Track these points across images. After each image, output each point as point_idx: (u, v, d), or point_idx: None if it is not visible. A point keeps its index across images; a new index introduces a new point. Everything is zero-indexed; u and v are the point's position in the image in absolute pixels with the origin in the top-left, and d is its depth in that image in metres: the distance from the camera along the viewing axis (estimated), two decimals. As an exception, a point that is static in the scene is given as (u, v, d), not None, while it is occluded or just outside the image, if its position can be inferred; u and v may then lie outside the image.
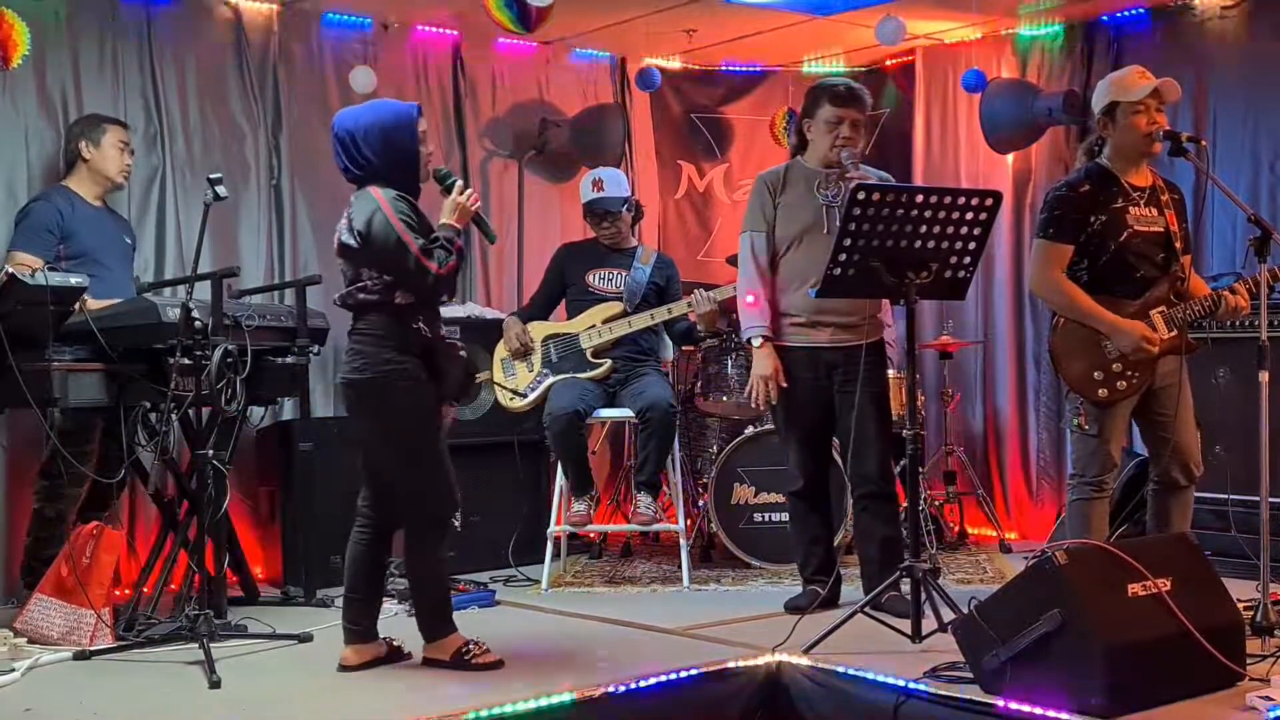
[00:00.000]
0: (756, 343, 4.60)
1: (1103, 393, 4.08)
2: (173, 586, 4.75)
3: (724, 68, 7.26)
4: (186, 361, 4.14)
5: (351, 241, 3.79)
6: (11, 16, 4.81)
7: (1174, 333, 4.11)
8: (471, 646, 3.83)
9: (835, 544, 4.89)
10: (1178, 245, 4.15)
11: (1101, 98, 4.19)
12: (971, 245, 3.99)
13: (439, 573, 3.90)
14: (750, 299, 4.63)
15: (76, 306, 4.23)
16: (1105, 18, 6.13)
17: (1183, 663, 3.23)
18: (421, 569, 3.88)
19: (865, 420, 4.46)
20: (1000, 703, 3.21)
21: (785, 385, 4.55)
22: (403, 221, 3.72)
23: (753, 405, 4.71)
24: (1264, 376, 3.84)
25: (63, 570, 4.27)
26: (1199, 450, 4.22)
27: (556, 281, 5.64)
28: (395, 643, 3.99)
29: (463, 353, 3.95)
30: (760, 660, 3.82)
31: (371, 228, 3.72)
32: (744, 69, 7.28)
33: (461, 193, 3.87)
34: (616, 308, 5.45)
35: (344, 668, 3.85)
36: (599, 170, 5.71)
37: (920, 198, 3.88)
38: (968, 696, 3.31)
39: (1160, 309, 4.11)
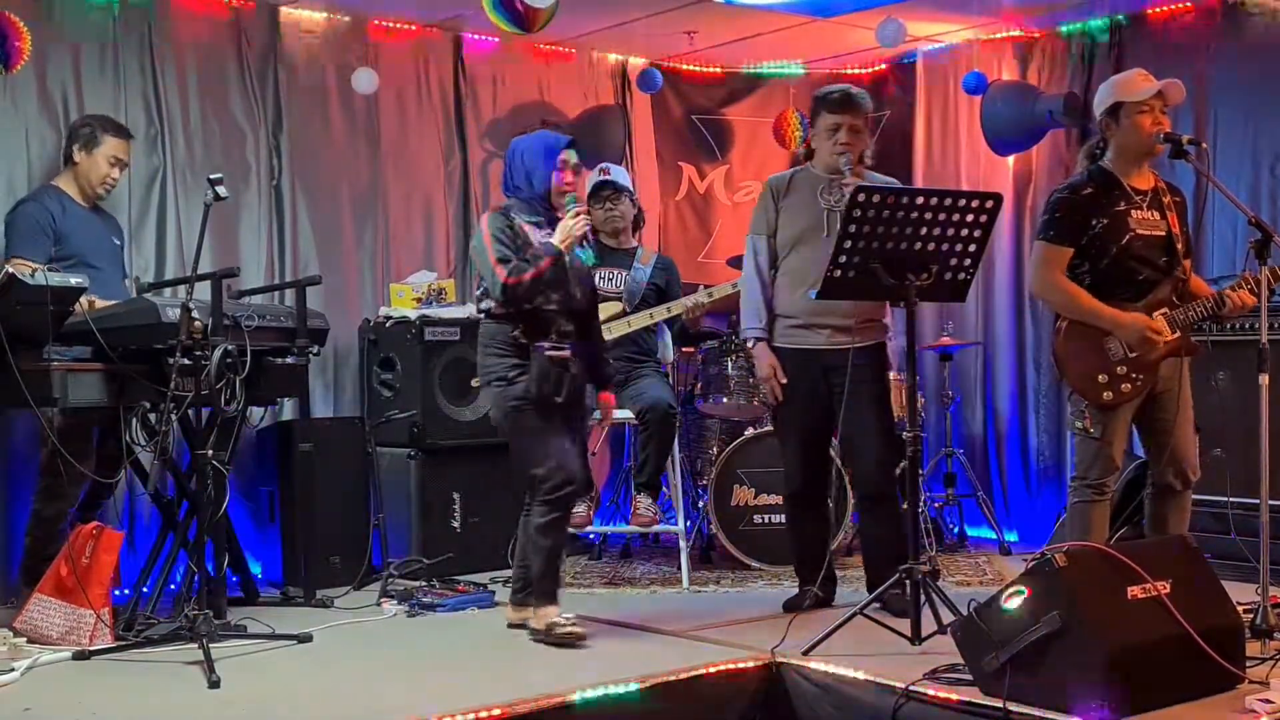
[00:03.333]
0: (750, 344, 4.66)
1: (1107, 395, 4.07)
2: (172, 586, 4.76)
3: (725, 69, 7.26)
4: (186, 361, 4.14)
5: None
6: (22, 25, 4.81)
7: (1176, 335, 4.11)
8: (562, 620, 4.16)
9: (833, 547, 4.89)
10: (1179, 248, 4.14)
11: (1105, 99, 4.18)
12: (972, 247, 4.00)
13: (544, 545, 4.20)
14: (750, 301, 4.65)
15: (76, 307, 4.23)
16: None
17: (1182, 665, 3.23)
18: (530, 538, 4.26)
19: (863, 422, 4.47)
20: (999, 705, 3.20)
21: (785, 381, 4.56)
22: (494, 237, 4.11)
23: (759, 402, 4.70)
24: (1264, 379, 3.84)
25: (62, 570, 4.27)
26: (1196, 455, 4.21)
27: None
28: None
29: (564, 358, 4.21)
30: (759, 661, 3.82)
31: (471, 240, 4.16)
32: (745, 71, 7.27)
33: (574, 217, 4.17)
34: (616, 308, 5.44)
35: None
36: (605, 164, 5.73)
37: (920, 199, 3.89)
38: (967, 699, 3.31)
39: (1163, 311, 4.10)
